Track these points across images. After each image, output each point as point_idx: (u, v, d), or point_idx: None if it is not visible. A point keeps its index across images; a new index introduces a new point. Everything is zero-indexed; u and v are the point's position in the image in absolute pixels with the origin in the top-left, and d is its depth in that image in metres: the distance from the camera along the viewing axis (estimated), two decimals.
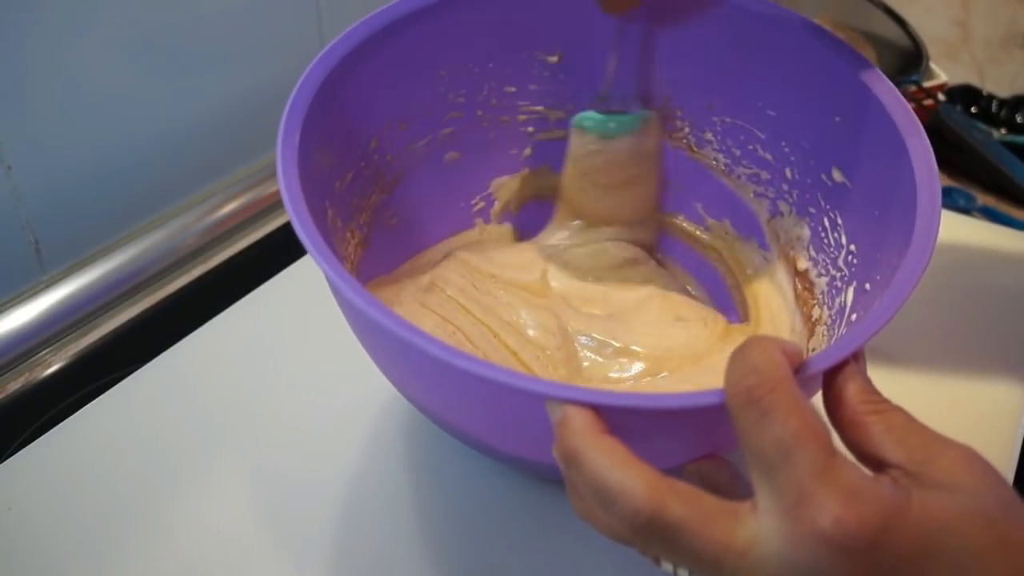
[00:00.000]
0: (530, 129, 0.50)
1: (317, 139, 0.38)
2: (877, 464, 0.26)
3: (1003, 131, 0.78)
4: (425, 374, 0.33)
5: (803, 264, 0.45)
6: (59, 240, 0.55)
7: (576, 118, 0.48)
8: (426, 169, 0.48)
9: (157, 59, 0.57)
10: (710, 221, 0.50)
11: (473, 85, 0.48)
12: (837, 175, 0.42)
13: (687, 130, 0.49)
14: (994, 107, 0.79)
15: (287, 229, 0.64)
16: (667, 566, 0.27)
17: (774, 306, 0.46)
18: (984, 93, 0.80)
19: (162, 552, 0.40)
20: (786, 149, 0.45)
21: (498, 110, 0.49)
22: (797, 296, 0.45)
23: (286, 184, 0.34)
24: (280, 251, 0.58)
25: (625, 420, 0.28)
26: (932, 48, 0.78)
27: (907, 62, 0.77)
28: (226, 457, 0.44)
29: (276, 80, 0.64)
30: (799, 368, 0.27)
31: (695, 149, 0.49)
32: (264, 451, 0.45)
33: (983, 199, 0.71)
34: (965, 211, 0.69)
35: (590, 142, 0.48)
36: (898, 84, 0.73)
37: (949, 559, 0.23)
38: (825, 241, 0.43)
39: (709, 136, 0.48)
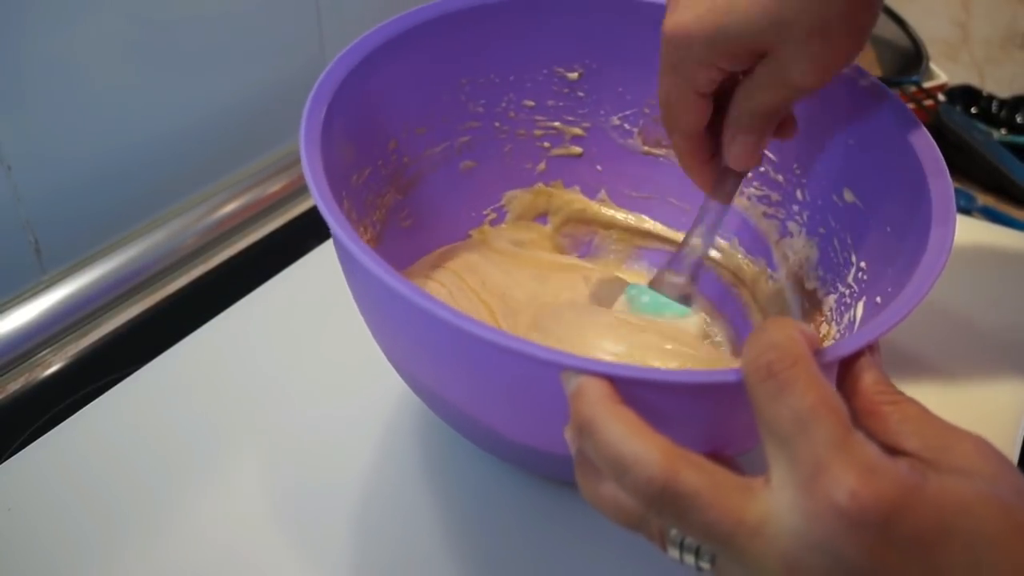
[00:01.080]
0: (546, 144, 0.51)
1: (339, 126, 0.39)
2: (892, 453, 0.26)
3: (1003, 131, 0.78)
4: (437, 344, 0.33)
5: (811, 284, 0.45)
6: (59, 240, 0.55)
7: (633, 289, 0.44)
8: (441, 175, 0.48)
9: (157, 60, 0.57)
10: (719, 242, 0.50)
11: (493, 96, 0.48)
12: (848, 196, 0.42)
13: None
14: (994, 107, 0.79)
15: (287, 229, 0.64)
16: (673, 552, 0.27)
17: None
18: (984, 93, 0.80)
19: (163, 554, 0.40)
20: (798, 171, 0.45)
21: (515, 123, 0.49)
22: (804, 313, 0.45)
23: (307, 147, 0.35)
24: (280, 251, 0.58)
25: (640, 394, 0.28)
26: (932, 48, 0.78)
27: (907, 62, 0.77)
28: (227, 458, 0.44)
29: (276, 81, 0.65)
30: (816, 354, 0.27)
31: None
32: (265, 452, 0.44)
33: (983, 199, 0.71)
34: (965, 211, 0.69)
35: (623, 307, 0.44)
36: (898, 84, 0.73)
37: (964, 541, 0.23)
38: (834, 260, 0.43)
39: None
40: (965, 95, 0.80)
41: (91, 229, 0.57)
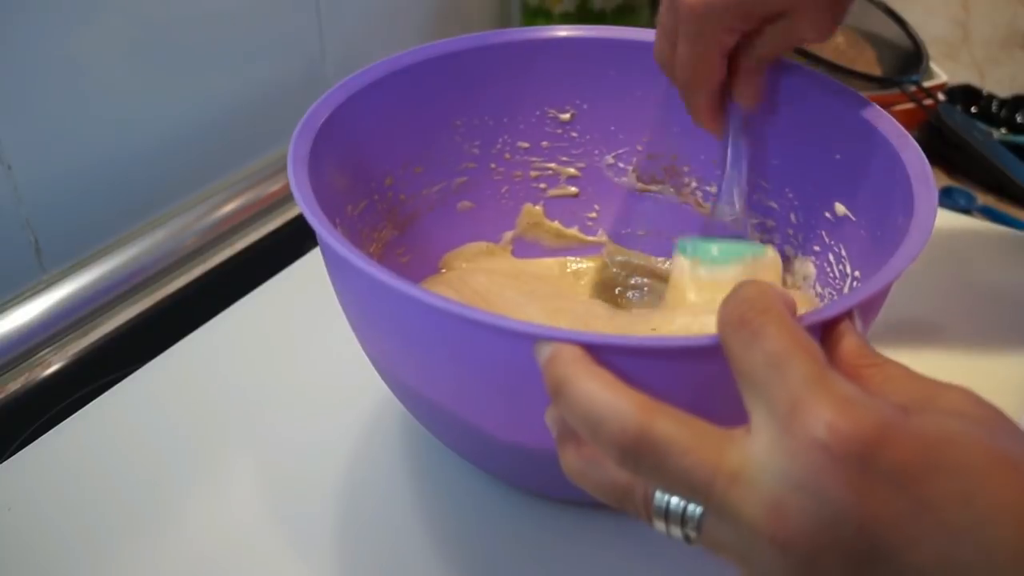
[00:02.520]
0: (542, 185, 0.51)
1: (329, 153, 0.39)
2: None
3: (1003, 131, 0.78)
4: (419, 331, 0.33)
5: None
6: (59, 240, 0.55)
7: (680, 241, 0.43)
8: (439, 214, 0.49)
9: (157, 59, 0.57)
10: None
11: (487, 137, 0.48)
12: (840, 209, 0.43)
13: (694, 185, 0.50)
14: (994, 107, 0.79)
15: (287, 229, 0.64)
16: (659, 523, 0.26)
17: None
18: (984, 93, 0.80)
19: (162, 553, 0.40)
20: (790, 195, 0.46)
21: (511, 165, 0.50)
22: None
23: (295, 152, 0.35)
24: (280, 251, 0.58)
25: (617, 363, 0.27)
26: (932, 48, 0.78)
27: (907, 62, 0.77)
28: (225, 458, 0.44)
29: (276, 81, 0.65)
30: (796, 319, 0.27)
31: (701, 203, 0.50)
32: (263, 453, 0.45)
33: (983, 199, 0.71)
34: (965, 211, 0.69)
35: (693, 266, 0.43)
36: (898, 84, 0.73)
37: (953, 474, 0.22)
38: (830, 274, 0.44)
39: (715, 190, 0.48)
40: (965, 95, 0.80)
41: (91, 229, 0.57)
